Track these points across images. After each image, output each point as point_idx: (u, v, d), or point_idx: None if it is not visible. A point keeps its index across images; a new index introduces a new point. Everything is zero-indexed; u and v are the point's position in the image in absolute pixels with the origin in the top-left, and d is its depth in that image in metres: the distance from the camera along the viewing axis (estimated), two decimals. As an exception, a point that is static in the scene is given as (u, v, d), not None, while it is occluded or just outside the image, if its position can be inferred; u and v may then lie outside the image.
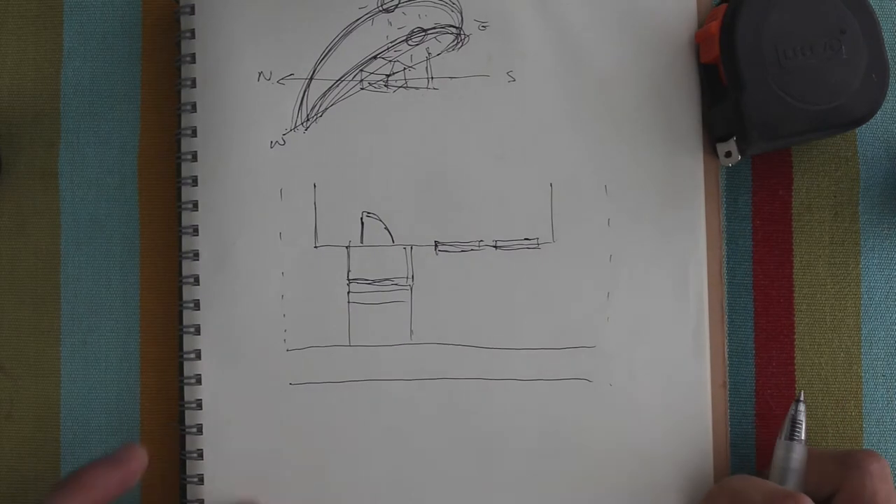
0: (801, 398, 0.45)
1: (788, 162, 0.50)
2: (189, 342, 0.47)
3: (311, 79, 0.48)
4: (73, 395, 0.50)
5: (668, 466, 0.47)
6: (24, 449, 0.50)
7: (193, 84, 0.48)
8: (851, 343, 0.49)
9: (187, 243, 0.48)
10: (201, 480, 0.47)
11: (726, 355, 0.48)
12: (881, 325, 0.49)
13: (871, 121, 0.46)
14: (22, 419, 0.50)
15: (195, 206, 0.48)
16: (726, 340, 0.48)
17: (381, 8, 0.48)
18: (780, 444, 0.45)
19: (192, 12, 0.48)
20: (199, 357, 0.47)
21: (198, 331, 0.47)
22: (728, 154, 0.47)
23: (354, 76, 0.48)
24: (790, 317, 0.49)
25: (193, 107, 0.48)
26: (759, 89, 0.44)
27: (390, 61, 0.48)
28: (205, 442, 0.47)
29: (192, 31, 0.48)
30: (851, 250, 0.49)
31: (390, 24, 0.48)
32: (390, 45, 0.48)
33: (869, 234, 0.49)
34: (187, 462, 0.47)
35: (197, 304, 0.47)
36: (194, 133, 0.48)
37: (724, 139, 0.47)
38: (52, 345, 0.50)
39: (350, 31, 0.48)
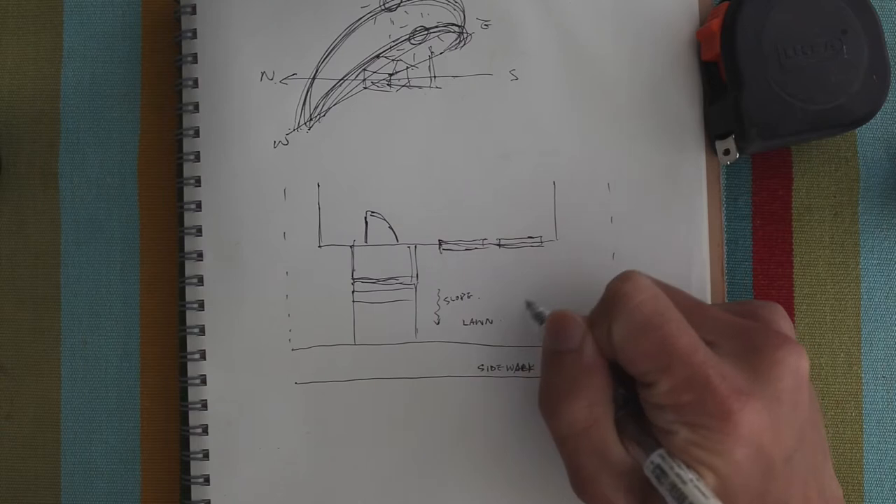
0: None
1: (788, 162, 0.50)
2: (193, 343, 0.47)
3: (314, 78, 0.48)
4: (73, 395, 0.50)
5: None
6: (24, 449, 0.50)
7: (195, 84, 0.48)
8: (851, 343, 0.49)
9: (190, 244, 0.48)
10: (207, 481, 0.47)
11: (728, 354, 0.48)
12: (881, 326, 0.49)
13: (871, 121, 0.46)
14: (22, 419, 0.50)
15: (198, 206, 0.48)
16: (728, 339, 0.48)
17: (383, 7, 0.48)
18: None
19: (194, 12, 0.48)
20: (203, 357, 0.47)
21: (202, 331, 0.47)
22: (727, 152, 0.47)
23: (357, 75, 0.48)
24: (790, 317, 0.49)
25: (195, 107, 0.48)
26: (759, 88, 0.45)
27: (393, 60, 0.48)
28: (210, 442, 0.47)
29: (194, 31, 0.48)
30: (851, 250, 0.50)
31: (392, 22, 0.48)
32: (393, 44, 0.48)
33: (869, 234, 0.50)
34: (192, 463, 0.47)
35: (201, 305, 0.47)
36: (196, 133, 0.48)
37: (723, 137, 0.47)
38: (52, 345, 0.50)
39: (352, 31, 0.48)
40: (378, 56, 0.48)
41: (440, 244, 0.48)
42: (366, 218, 0.48)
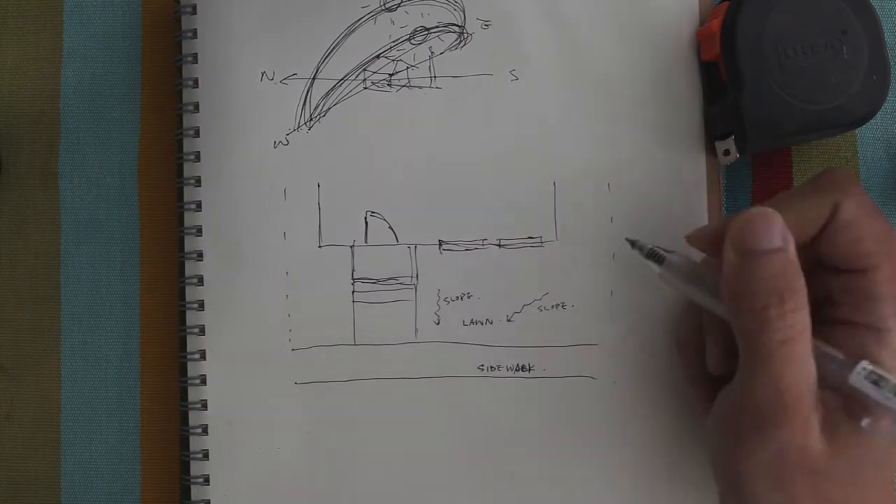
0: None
1: (788, 162, 0.50)
2: (193, 343, 0.47)
3: (315, 78, 0.48)
4: (73, 395, 0.50)
5: (672, 463, 0.47)
6: (24, 449, 0.50)
7: (196, 84, 0.48)
8: (851, 342, 0.49)
9: (190, 244, 0.48)
10: (207, 481, 0.47)
11: (728, 354, 0.48)
12: (881, 325, 0.49)
13: (871, 121, 0.46)
14: (22, 419, 0.50)
15: (198, 206, 0.48)
16: (728, 339, 0.48)
17: (383, 7, 0.48)
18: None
19: (194, 12, 0.48)
20: (203, 357, 0.47)
21: (202, 331, 0.47)
22: (726, 152, 0.47)
23: (357, 75, 0.48)
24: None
25: (196, 107, 0.48)
26: (759, 88, 0.44)
27: (393, 60, 0.48)
28: (210, 442, 0.47)
29: (194, 31, 0.48)
30: (851, 250, 0.50)
31: (393, 23, 0.48)
32: (393, 44, 0.48)
33: (869, 234, 0.50)
34: (192, 463, 0.47)
35: (201, 305, 0.47)
36: (197, 133, 0.48)
37: (723, 137, 0.47)
38: (52, 345, 0.50)
39: (353, 31, 0.48)
40: (378, 56, 0.48)
41: (440, 244, 0.48)
42: (366, 218, 0.48)
